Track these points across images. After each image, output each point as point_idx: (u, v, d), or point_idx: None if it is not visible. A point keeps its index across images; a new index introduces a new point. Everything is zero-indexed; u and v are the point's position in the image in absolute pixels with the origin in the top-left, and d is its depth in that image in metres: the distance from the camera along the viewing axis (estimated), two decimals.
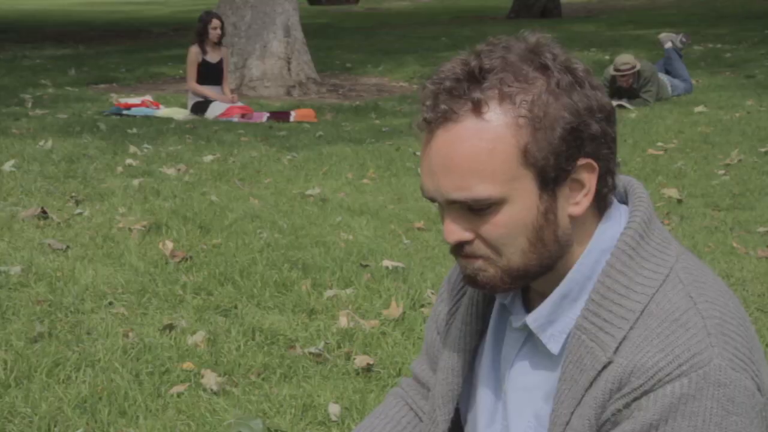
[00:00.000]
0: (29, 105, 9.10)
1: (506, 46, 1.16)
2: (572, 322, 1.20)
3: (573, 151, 1.15)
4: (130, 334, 3.37)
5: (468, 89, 1.13)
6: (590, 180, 1.18)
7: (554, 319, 1.21)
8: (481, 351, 1.35)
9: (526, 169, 1.13)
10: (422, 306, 3.72)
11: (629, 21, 19.39)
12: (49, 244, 4.34)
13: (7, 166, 5.96)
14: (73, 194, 5.30)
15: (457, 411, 1.38)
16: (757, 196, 5.51)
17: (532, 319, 1.23)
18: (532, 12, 21.51)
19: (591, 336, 1.16)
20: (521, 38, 1.18)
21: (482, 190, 1.13)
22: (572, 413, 1.16)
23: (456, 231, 1.18)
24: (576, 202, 1.18)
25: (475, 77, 1.13)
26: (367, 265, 4.22)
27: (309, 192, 5.67)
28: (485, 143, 1.12)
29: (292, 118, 8.72)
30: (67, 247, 4.33)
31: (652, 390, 1.09)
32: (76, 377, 3.01)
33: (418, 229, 4.95)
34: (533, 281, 1.23)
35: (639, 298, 1.15)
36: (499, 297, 1.31)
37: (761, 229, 4.80)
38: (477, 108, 1.12)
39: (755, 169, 6.18)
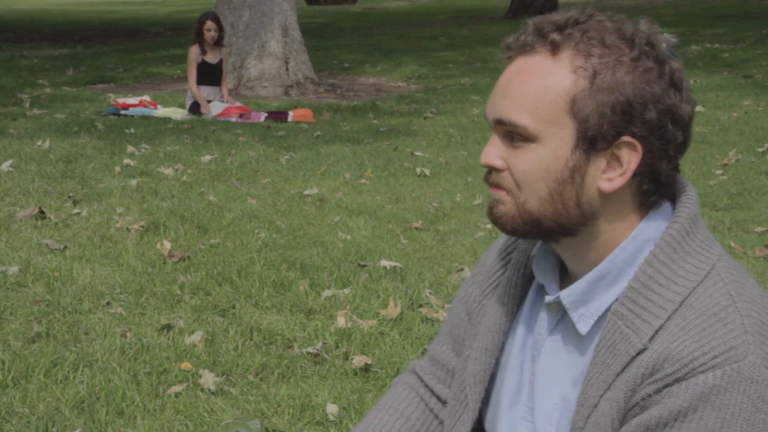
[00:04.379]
0: (27, 105, 9.10)
1: (612, 16, 1.22)
2: (605, 306, 1.22)
3: (620, 123, 1.17)
4: (128, 334, 3.37)
5: (553, 31, 1.20)
6: (630, 161, 1.18)
7: (588, 299, 1.23)
8: (513, 332, 1.36)
9: (569, 118, 1.18)
10: (420, 306, 3.72)
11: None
12: (47, 244, 4.33)
13: (5, 166, 5.95)
14: (71, 194, 5.30)
15: None
16: (755, 196, 5.52)
17: (566, 294, 1.24)
18: (531, 11, 21.50)
19: (627, 322, 1.17)
20: (635, 20, 1.23)
21: (521, 118, 1.18)
22: (601, 396, 1.17)
23: (491, 154, 1.23)
24: (609, 177, 1.19)
25: (565, 25, 1.20)
26: (365, 265, 4.22)
27: (307, 192, 5.67)
28: (544, 80, 1.18)
29: (290, 118, 8.72)
30: (65, 247, 4.33)
31: (685, 378, 1.10)
32: (74, 377, 3.00)
33: (416, 229, 4.95)
34: (548, 239, 1.26)
35: (679, 290, 1.17)
36: (537, 275, 1.32)
37: (759, 229, 4.80)
38: (554, 49, 1.19)
39: (753, 169, 6.19)
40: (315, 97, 10.61)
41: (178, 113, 8.82)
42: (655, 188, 1.22)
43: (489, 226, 5.01)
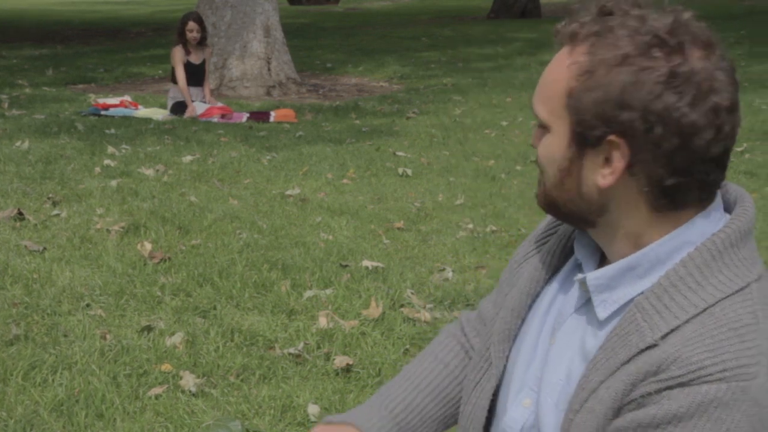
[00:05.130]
0: (6, 105, 9.03)
1: (640, 12, 1.19)
2: (629, 296, 1.22)
3: (605, 122, 1.17)
4: (108, 336, 3.34)
5: (576, 23, 1.21)
6: (618, 159, 1.17)
7: (614, 285, 1.23)
8: (541, 298, 1.37)
9: (566, 112, 1.20)
10: (402, 306, 3.72)
11: None
12: (26, 246, 4.30)
13: None
14: (50, 195, 5.26)
15: None
16: None
17: (593, 277, 1.24)
18: (512, 12, 21.57)
19: (645, 316, 1.16)
20: (670, 9, 1.21)
21: (538, 107, 1.25)
22: (602, 383, 1.17)
23: (533, 138, 1.29)
24: (603, 174, 1.20)
25: (589, 18, 1.21)
26: (346, 266, 4.21)
27: (289, 192, 5.66)
28: (556, 73, 1.22)
29: (271, 119, 8.69)
30: (44, 248, 4.29)
31: (688, 384, 1.09)
32: (53, 380, 2.98)
33: (398, 229, 4.95)
34: (573, 225, 1.30)
35: (706, 297, 1.15)
36: (576, 251, 1.33)
37: None
38: (572, 42, 1.21)
39: (731, 168, 6.22)
40: (297, 97, 10.59)
41: (159, 114, 8.77)
42: (663, 191, 1.18)
43: (471, 225, 5.01)
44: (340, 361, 3.16)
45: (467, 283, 4.06)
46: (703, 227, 1.21)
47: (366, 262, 4.23)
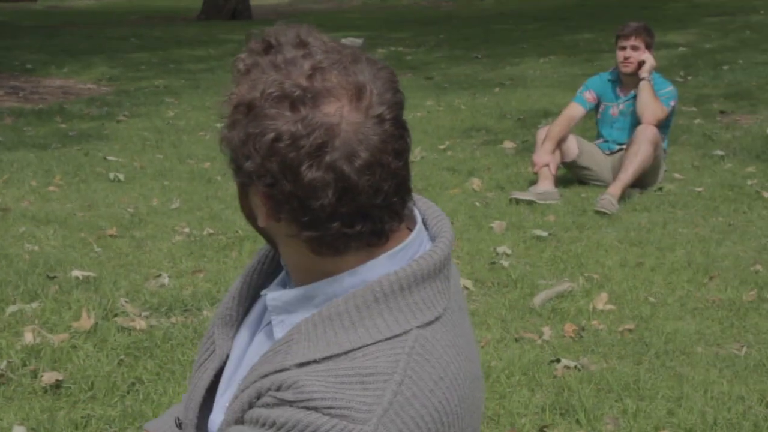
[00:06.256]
0: None
1: (291, 55, 1.13)
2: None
3: (236, 166, 1.14)
4: None
5: (242, 55, 1.18)
6: (262, 204, 1.14)
7: (292, 310, 1.21)
8: (254, 309, 1.35)
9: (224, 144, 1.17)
10: (116, 315, 3.59)
11: (317, 24, 19.60)
12: None
13: None
14: None
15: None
16: (439, 190, 5.89)
17: (271, 297, 1.22)
18: (222, 13, 21.45)
19: (297, 340, 1.15)
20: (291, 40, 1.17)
21: None
22: (245, 390, 1.17)
23: None
24: (260, 213, 1.17)
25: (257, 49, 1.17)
26: (54, 277, 4.00)
27: None
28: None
29: None
30: None
31: (298, 406, 1.08)
32: None
33: (111, 236, 4.77)
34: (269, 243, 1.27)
35: (354, 340, 1.12)
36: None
37: None
38: (237, 72, 1.17)
39: (435, 165, 6.60)
40: None
41: None
42: (310, 240, 1.14)
43: (187, 229, 4.94)
44: (48, 377, 3.00)
45: (184, 288, 4.00)
46: (386, 266, 1.16)
47: (76, 272, 4.04)
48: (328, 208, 1.09)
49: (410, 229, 1.21)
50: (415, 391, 1.10)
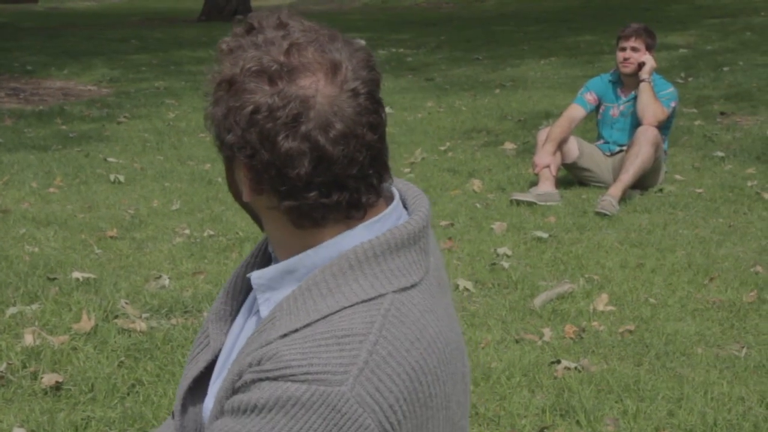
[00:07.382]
0: None
1: (272, 35, 1.18)
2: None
3: (219, 140, 1.20)
4: None
5: (227, 39, 1.22)
6: (244, 178, 1.20)
7: (276, 287, 1.24)
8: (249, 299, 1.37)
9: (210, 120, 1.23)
10: (116, 317, 3.59)
11: None
12: None
13: None
14: None
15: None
16: (439, 191, 5.89)
17: (256, 276, 1.26)
18: (223, 14, 21.46)
19: (280, 316, 1.18)
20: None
21: None
22: (231, 371, 1.20)
23: None
24: (245, 188, 1.22)
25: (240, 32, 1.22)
26: (55, 278, 4.00)
27: None
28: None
29: None
30: None
31: (275, 379, 1.11)
32: None
33: (111, 237, 4.77)
34: (255, 221, 1.30)
35: (332, 304, 1.15)
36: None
37: (443, 223, 5.14)
38: (220, 54, 1.23)
39: (436, 166, 6.61)
40: None
41: None
42: (290, 211, 1.19)
43: (187, 231, 4.94)
44: (48, 379, 3.00)
45: (185, 290, 4.00)
46: (362, 237, 1.21)
47: (76, 274, 4.04)
48: (305, 177, 1.14)
49: (388, 206, 1.27)
50: (391, 350, 1.13)
